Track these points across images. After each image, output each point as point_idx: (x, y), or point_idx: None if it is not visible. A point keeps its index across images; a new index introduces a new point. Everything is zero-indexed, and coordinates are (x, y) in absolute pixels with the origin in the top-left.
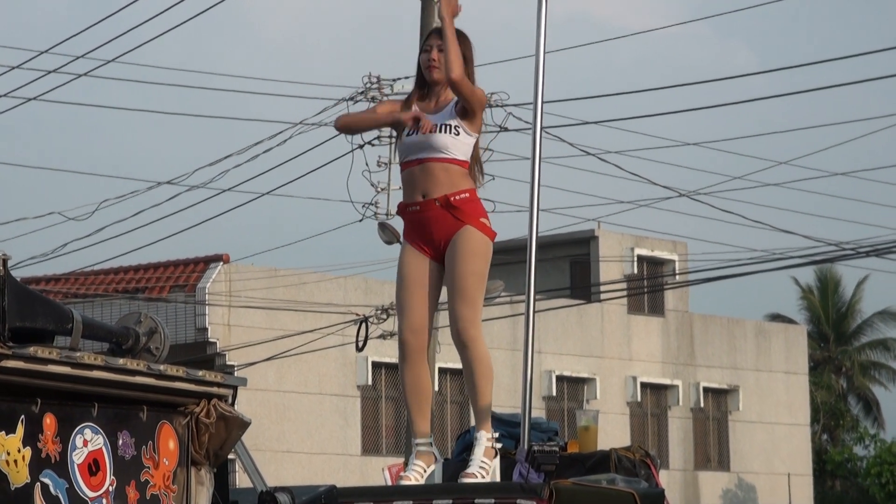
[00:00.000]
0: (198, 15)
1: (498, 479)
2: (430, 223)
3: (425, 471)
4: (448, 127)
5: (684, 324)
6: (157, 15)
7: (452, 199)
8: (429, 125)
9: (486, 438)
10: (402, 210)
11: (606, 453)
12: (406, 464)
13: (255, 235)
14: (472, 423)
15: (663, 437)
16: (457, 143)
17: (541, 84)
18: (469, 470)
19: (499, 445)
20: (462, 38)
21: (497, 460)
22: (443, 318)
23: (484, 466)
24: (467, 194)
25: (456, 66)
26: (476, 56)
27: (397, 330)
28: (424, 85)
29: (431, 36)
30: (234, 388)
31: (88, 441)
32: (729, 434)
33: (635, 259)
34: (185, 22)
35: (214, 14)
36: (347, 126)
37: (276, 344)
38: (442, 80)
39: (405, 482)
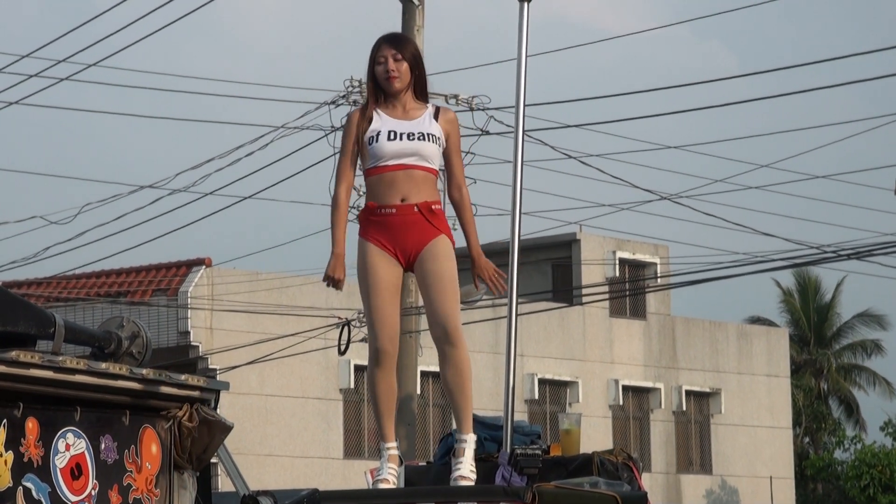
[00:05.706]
0: (179, 19)
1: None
2: (406, 228)
3: (397, 473)
4: (432, 136)
5: (666, 327)
6: (137, 19)
7: (433, 206)
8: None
9: (474, 441)
10: (372, 211)
11: (589, 456)
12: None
13: (237, 239)
14: (454, 426)
15: (645, 441)
16: (438, 154)
17: (523, 88)
18: (462, 472)
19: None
20: (417, 60)
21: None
22: (422, 321)
23: (473, 469)
24: (440, 205)
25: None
26: (457, 60)
27: (371, 338)
28: (380, 94)
29: (382, 46)
30: (217, 392)
31: (71, 445)
32: (711, 437)
33: (617, 262)
34: (165, 26)
35: (195, 18)
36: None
37: (259, 347)
38: (402, 88)
39: (383, 485)
